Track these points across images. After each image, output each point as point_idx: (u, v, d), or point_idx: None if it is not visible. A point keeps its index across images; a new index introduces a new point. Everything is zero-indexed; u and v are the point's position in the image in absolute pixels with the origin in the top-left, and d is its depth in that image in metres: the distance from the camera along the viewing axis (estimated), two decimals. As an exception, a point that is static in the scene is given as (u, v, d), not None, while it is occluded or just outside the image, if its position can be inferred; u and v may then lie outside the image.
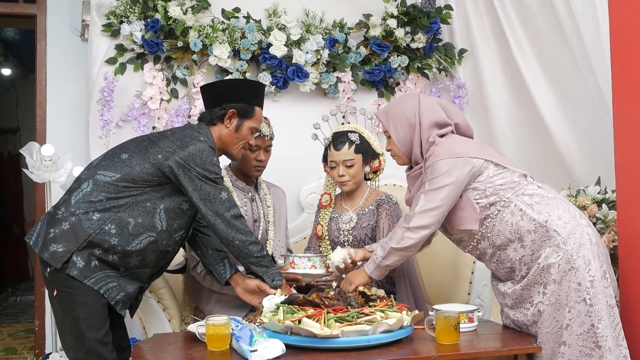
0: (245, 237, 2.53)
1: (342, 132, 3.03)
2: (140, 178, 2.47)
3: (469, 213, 2.46)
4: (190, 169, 2.46)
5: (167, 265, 2.73)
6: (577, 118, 3.65)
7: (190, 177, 2.47)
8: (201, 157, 2.47)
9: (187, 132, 2.58)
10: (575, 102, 3.65)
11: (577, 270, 2.32)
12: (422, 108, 2.59)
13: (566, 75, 3.68)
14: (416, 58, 4.07)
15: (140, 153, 2.50)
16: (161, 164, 2.47)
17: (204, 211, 2.50)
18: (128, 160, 2.49)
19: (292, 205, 3.69)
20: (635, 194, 2.48)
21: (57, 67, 4.03)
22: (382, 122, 2.68)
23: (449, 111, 2.63)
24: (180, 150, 2.48)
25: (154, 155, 2.49)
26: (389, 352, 2.18)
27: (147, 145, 2.53)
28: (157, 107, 3.68)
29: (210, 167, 2.49)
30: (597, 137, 3.50)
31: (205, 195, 2.49)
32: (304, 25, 3.88)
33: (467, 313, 2.48)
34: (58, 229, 2.41)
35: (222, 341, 2.24)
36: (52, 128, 4.01)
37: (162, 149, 2.49)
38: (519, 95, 3.93)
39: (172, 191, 2.52)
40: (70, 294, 2.39)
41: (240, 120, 2.67)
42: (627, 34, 2.50)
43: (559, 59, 3.70)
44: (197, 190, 2.48)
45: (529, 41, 3.84)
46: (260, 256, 2.58)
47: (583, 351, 2.32)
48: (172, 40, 3.71)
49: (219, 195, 2.50)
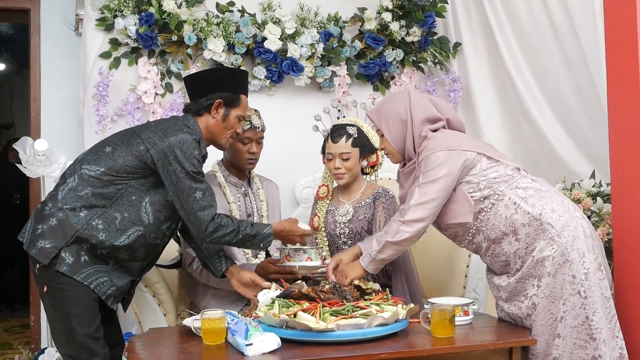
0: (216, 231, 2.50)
1: (340, 125, 3.04)
2: (124, 170, 2.45)
3: (462, 206, 2.47)
4: (169, 161, 2.43)
5: (158, 257, 2.71)
6: (568, 112, 3.65)
7: (168, 170, 2.44)
8: (181, 148, 2.45)
9: (170, 123, 2.56)
10: (566, 96, 3.65)
11: (572, 262, 2.33)
12: (412, 104, 2.60)
13: (557, 70, 3.67)
14: (411, 52, 4.07)
15: (123, 145, 2.49)
16: (143, 155, 2.45)
17: (178, 207, 2.49)
18: (111, 153, 2.47)
19: (287, 199, 3.69)
20: (629, 187, 2.49)
21: (51, 61, 4.02)
22: (374, 121, 2.69)
23: (439, 107, 2.64)
24: (161, 141, 2.46)
25: (136, 146, 2.47)
26: (384, 346, 2.18)
27: (130, 137, 2.51)
28: (151, 102, 3.67)
29: (190, 159, 2.45)
30: (588, 130, 3.50)
31: (180, 191, 2.46)
32: (298, 19, 3.88)
33: (463, 306, 2.49)
34: (45, 224, 2.40)
35: (217, 335, 2.24)
36: (46, 123, 4.00)
37: (143, 140, 2.47)
38: (509, 89, 3.92)
39: (156, 183, 2.50)
40: (60, 289, 2.38)
41: (227, 110, 2.66)
42: (621, 27, 2.50)
43: (550, 53, 3.70)
44: (173, 184, 2.45)
45: (518, 36, 3.84)
46: (238, 240, 2.56)
47: (577, 343, 2.32)
48: (167, 34, 3.70)
49: (193, 194, 2.46)
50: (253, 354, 2.09)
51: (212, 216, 2.49)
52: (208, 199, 2.50)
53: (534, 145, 3.82)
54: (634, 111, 2.44)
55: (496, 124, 4.00)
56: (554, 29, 3.62)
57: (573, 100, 3.61)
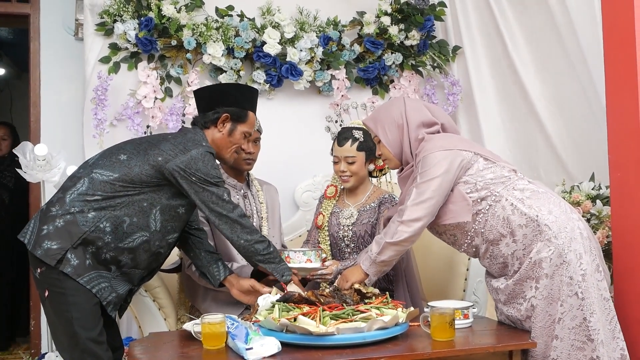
0: (251, 235, 2.54)
1: (347, 128, 3.05)
2: (139, 179, 2.47)
3: (460, 206, 2.48)
4: (191, 174, 2.46)
5: (159, 268, 2.74)
6: (572, 115, 3.66)
7: (191, 181, 2.47)
8: (203, 161, 2.48)
9: (189, 137, 2.58)
10: (569, 99, 3.66)
11: (569, 264, 2.34)
12: (407, 109, 2.63)
13: (561, 72, 3.68)
14: (410, 55, 4.08)
15: (139, 155, 2.50)
16: (161, 166, 2.47)
17: (208, 213, 2.51)
18: (127, 162, 2.49)
19: (287, 203, 3.70)
20: (628, 189, 2.49)
21: (50, 66, 4.03)
22: (370, 127, 2.72)
23: (434, 112, 2.68)
24: (182, 154, 2.48)
25: (154, 157, 2.49)
26: (384, 349, 2.18)
27: (146, 147, 2.53)
28: (151, 106, 3.68)
29: (212, 171, 2.49)
30: (591, 133, 3.51)
31: (208, 197, 2.49)
32: (297, 23, 3.88)
33: (462, 309, 2.49)
34: (52, 226, 2.40)
35: (217, 339, 2.24)
36: (46, 127, 4.00)
37: (162, 151, 2.50)
38: (513, 92, 3.93)
39: (170, 194, 2.52)
40: (62, 294, 2.38)
41: (234, 125, 2.68)
42: (620, 29, 2.51)
43: (553, 56, 3.70)
44: (199, 193, 2.48)
45: (524, 39, 3.85)
46: (267, 253, 2.57)
47: (575, 345, 2.33)
48: (166, 39, 3.70)
49: (222, 197, 2.50)
50: (253, 358, 2.10)
51: (243, 213, 2.55)
52: (233, 201, 2.55)
53: (535, 148, 3.82)
54: (632, 114, 2.45)
55: (497, 127, 4.00)
56: (557, 29, 3.63)
57: (576, 102, 3.61)
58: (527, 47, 3.83)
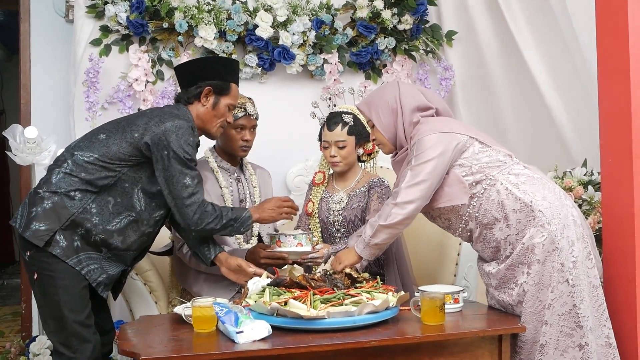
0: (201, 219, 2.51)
1: (336, 113, 3.04)
2: (117, 157, 2.46)
3: (457, 189, 2.48)
4: (163, 146, 2.44)
5: (150, 246, 2.73)
6: (573, 100, 3.65)
7: (161, 155, 2.45)
8: (177, 134, 2.46)
9: (165, 110, 2.59)
10: (570, 85, 3.65)
11: (561, 250, 2.34)
12: (402, 93, 2.62)
13: (561, 59, 3.67)
14: (403, 40, 4.06)
15: (117, 133, 2.50)
16: (138, 141, 2.47)
17: (166, 194, 2.50)
18: (105, 140, 2.48)
19: (279, 187, 3.69)
20: (619, 175, 2.50)
21: (41, 48, 3.98)
22: (364, 112, 2.71)
23: (429, 96, 2.67)
24: (157, 127, 2.47)
25: (130, 133, 2.48)
26: (374, 333, 2.19)
27: (124, 125, 2.53)
28: (142, 89, 3.66)
29: (185, 145, 2.46)
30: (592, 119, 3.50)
31: (170, 176, 2.46)
32: (290, 6, 3.85)
33: (453, 294, 2.50)
34: (40, 207, 2.40)
35: (208, 323, 2.24)
36: (36, 110, 3.97)
37: (139, 126, 2.49)
38: (517, 76, 3.90)
39: (150, 172, 2.51)
40: (51, 276, 2.38)
41: (217, 98, 2.67)
42: (612, 15, 2.50)
43: (554, 40, 3.69)
44: (165, 169, 2.46)
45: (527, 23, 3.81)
46: (222, 226, 2.57)
47: (564, 331, 2.34)
48: (158, 22, 3.68)
49: (183, 180, 2.47)
50: (244, 341, 2.10)
51: (198, 203, 2.51)
52: (197, 186, 2.51)
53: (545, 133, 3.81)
54: (623, 100, 2.45)
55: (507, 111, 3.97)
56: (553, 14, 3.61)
57: (572, 86, 3.60)
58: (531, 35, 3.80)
